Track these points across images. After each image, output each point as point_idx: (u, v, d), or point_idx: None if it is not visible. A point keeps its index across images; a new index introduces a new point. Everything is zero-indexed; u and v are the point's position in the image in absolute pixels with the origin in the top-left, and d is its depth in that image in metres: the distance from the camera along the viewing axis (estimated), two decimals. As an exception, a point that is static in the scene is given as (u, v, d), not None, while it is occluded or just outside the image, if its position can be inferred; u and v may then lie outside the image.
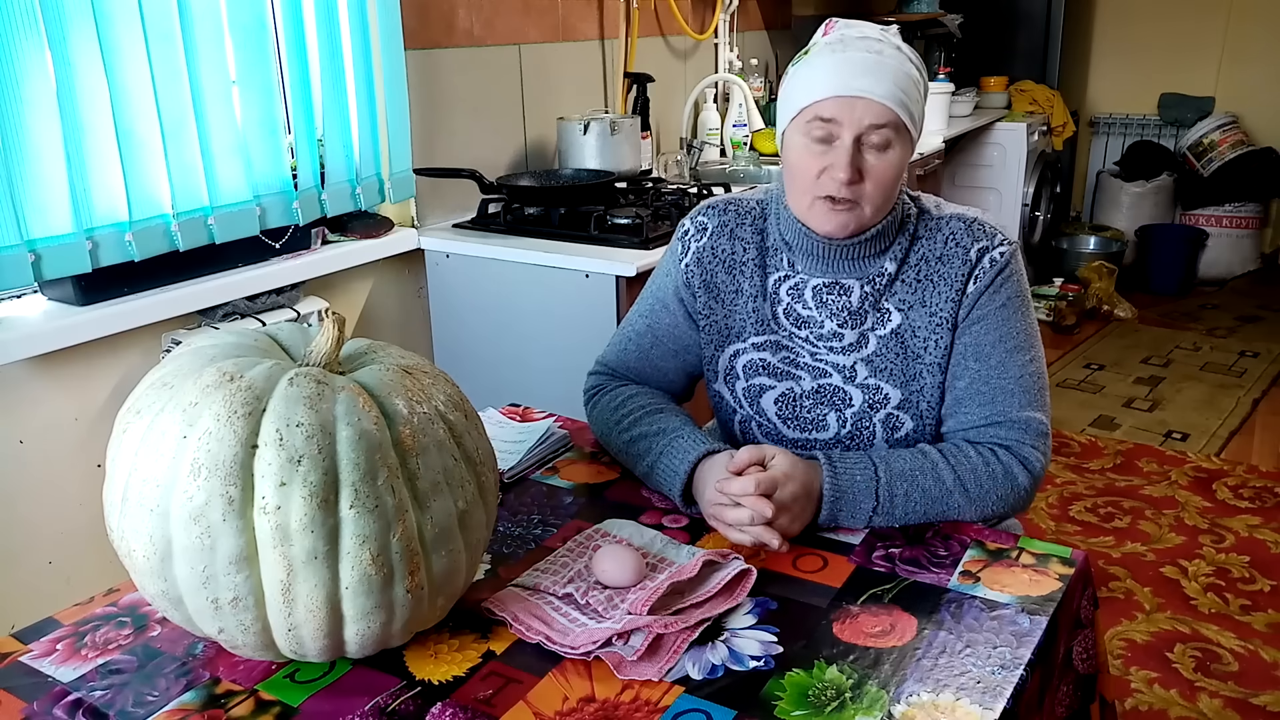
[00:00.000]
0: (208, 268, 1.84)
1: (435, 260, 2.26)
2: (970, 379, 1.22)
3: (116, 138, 1.64)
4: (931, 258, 1.23)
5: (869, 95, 1.13)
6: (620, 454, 1.30)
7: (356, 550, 0.85)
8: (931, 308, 1.22)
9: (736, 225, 1.31)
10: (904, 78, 1.15)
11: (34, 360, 1.63)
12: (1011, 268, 1.22)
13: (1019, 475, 1.18)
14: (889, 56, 1.15)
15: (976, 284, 1.21)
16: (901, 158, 1.18)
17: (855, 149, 1.15)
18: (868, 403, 1.25)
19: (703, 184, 2.48)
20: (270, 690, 0.91)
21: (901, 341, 1.24)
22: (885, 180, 1.17)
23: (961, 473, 1.16)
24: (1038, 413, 1.20)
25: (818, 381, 1.27)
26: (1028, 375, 1.21)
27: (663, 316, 1.35)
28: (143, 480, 0.85)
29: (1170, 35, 4.87)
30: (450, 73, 2.30)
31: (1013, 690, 0.88)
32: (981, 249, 1.22)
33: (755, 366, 1.30)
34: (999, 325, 1.21)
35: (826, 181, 1.17)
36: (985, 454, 1.18)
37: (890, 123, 1.15)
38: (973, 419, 1.21)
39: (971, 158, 4.21)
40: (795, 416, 1.29)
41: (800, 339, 1.27)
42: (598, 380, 1.38)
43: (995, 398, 1.20)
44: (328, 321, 0.93)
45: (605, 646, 0.94)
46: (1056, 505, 2.75)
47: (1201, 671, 2.03)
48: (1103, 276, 4.36)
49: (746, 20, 3.49)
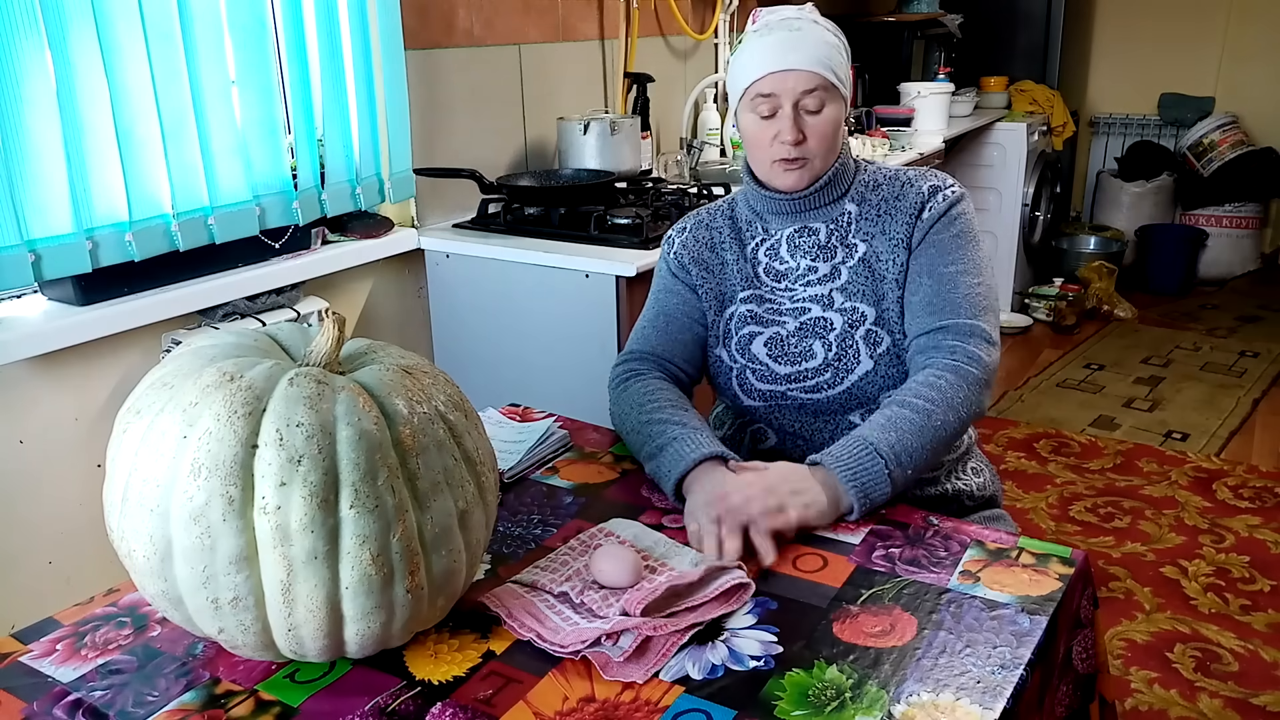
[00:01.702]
0: (208, 268, 1.84)
1: (435, 260, 2.26)
2: (924, 294, 1.35)
3: (116, 138, 1.64)
4: (890, 196, 1.40)
5: (796, 67, 1.32)
6: (633, 430, 1.32)
7: (356, 550, 0.85)
8: (890, 234, 1.38)
9: (709, 219, 1.50)
10: (824, 46, 1.34)
11: (34, 360, 1.63)
12: (962, 206, 1.38)
13: (971, 370, 1.28)
14: (808, 31, 1.34)
15: (930, 212, 1.37)
16: (836, 113, 1.36)
17: (795, 114, 1.34)
18: (848, 323, 1.38)
19: (703, 184, 2.48)
20: (270, 690, 0.91)
21: (869, 266, 1.39)
22: (825, 134, 1.35)
23: (925, 394, 1.25)
24: (981, 322, 1.33)
25: (799, 320, 1.40)
26: (974, 294, 1.34)
27: (669, 299, 1.48)
28: (143, 480, 0.85)
29: (1170, 35, 4.87)
30: (450, 73, 2.31)
31: (1013, 690, 0.88)
32: (933, 187, 1.39)
33: (743, 318, 1.43)
34: (951, 251, 1.35)
35: (778, 147, 1.36)
36: (931, 369, 1.28)
37: (819, 86, 1.33)
38: (924, 325, 1.33)
39: (971, 158, 4.21)
40: (784, 354, 1.40)
41: (780, 290, 1.42)
42: (629, 366, 1.44)
43: (944, 307, 1.33)
44: (328, 321, 0.93)
45: (594, 646, 0.94)
46: (1056, 505, 2.75)
47: (1201, 671, 2.03)
48: (1103, 276, 4.36)
49: (746, 20, 3.49)
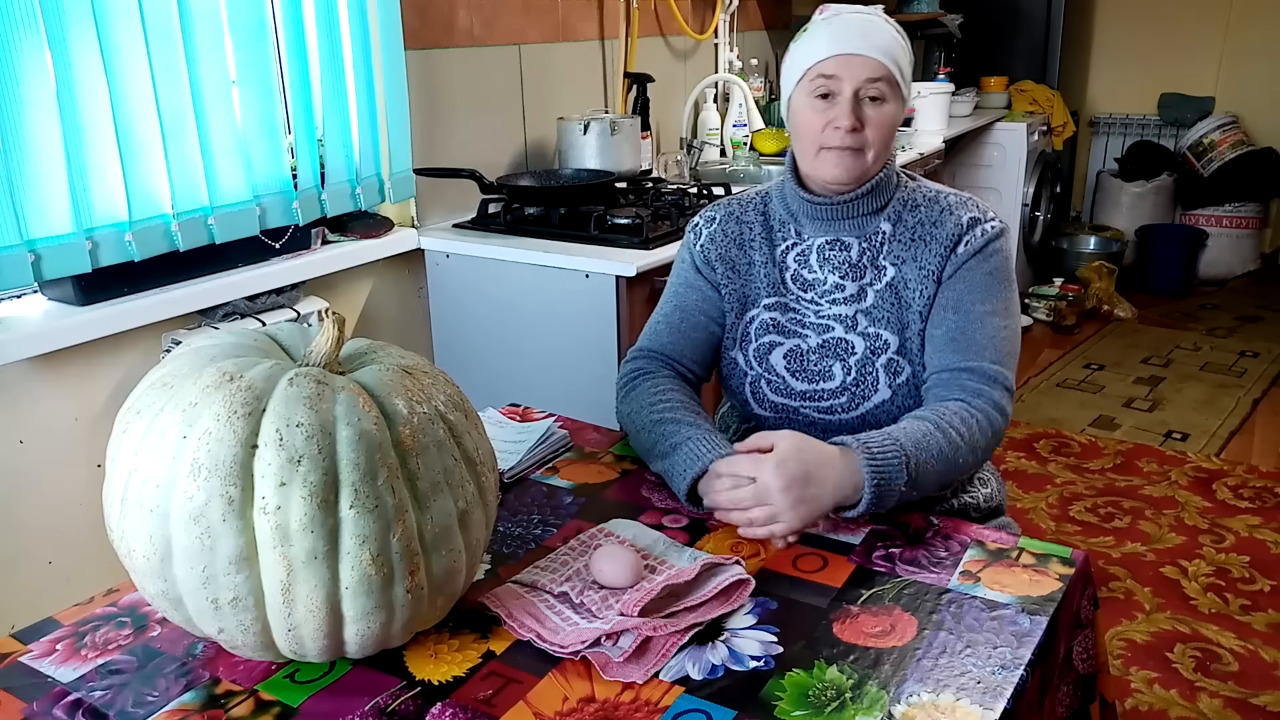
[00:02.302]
0: (208, 268, 1.84)
1: (435, 260, 2.26)
2: (948, 328, 1.30)
3: (116, 138, 1.64)
4: (927, 221, 1.34)
5: (863, 52, 1.27)
6: (644, 429, 1.30)
7: (356, 550, 0.85)
8: (921, 262, 1.33)
9: (741, 212, 1.44)
10: (893, 40, 1.30)
11: (34, 360, 1.63)
12: (1000, 243, 1.33)
13: (995, 419, 1.26)
14: (878, 23, 1.31)
15: (966, 247, 1.31)
16: (895, 111, 1.31)
17: (855, 101, 1.28)
18: (869, 349, 1.34)
19: (703, 184, 2.48)
20: (270, 690, 0.91)
21: (895, 292, 1.34)
22: (883, 127, 1.30)
23: (959, 428, 1.22)
24: (1004, 369, 1.29)
25: (822, 337, 1.36)
26: (1000, 337, 1.30)
27: (689, 295, 1.44)
28: (142, 480, 0.85)
29: (1170, 35, 4.87)
30: (450, 73, 2.30)
31: (1013, 690, 0.88)
32: (973, 219, 1.33)
33: (765, 326, 1.39)
34: (981, 288, 1.30)
35: (831, 133, 1.29)
36: (963, 403, 1.25)
37: (884, 77, 1.28)
38: (946, 362, 1.29)
39: (971, 158, 4.21)
40: (803, 369, 1.36)
41: (805, 301, 1.38)
42: (637, 365, 1.41)
43: (969, 347, 1.28)
44: (328, 321, 0.93)
45: (594, 647, 0.94)
46: (1056, 505, 2.75)
47: (1201, 671, 2.03)
48: (1103, 276, 4.36)
49: (746, 20, 3.49)
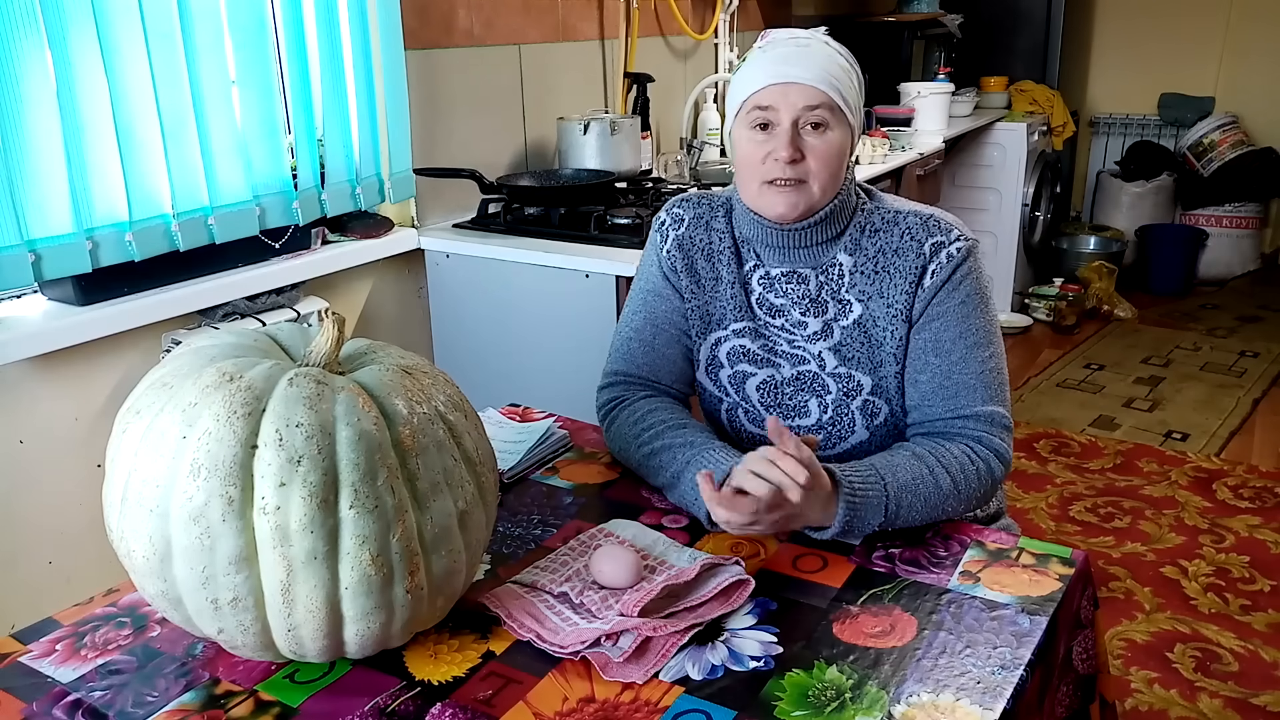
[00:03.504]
0: (208, 268, 1.84)
1: (435, 260, 2.26)
2: (932, 374, 1.24)
3: (116, 138, 1.63)
4: (888, 250, 1.25)
5: (800, 80, 1.20)
6: (640, 466, 1.28)
7: (356, 550, 0.85)
8: (888, 299, 1.25)
9: (710, 217, 1.35)
10: (832, 64, 1.22)
11: (34, 360, 1.63)
12: (969, 265, 1.24)
13: (995, 468, 1.21)
14: (816, 48, 1.23)
15: (933, 279, 1.23)
16: (841, 139, 1.22)
17: (794, 131, 1.21)
18: (843, 390, 1.28)
19: (703, 184, 2.48)
20: (270, 691, 0.91)
21: (864, 331, 1.26)
22: (827, 157, 1.22)
23: (955, 475, 1.17)
24: (1000, 407, 1.24)
25: (797, 369, 1.30)
26: (988, 371, 1.23)
27: (658, 304, 1.36)
28: (142, 480, 0.85)
29: (1170, 35, 4.87)
30: (450, 73, 2.30)
31: (1013, 690, 0.88)
32: (936, 244, 1.23)
33: (738, 353, 1.33)
34: (959, 322, 1.23)
35: (771, 165, 1.22)
36: (967, 450, 1.20)
37: (823, 103, 1.20)
38: (937, 412, 1.24)
39: (971, 158, 4.21)
40: (778, 403, 1.31)
41: (775, 327, 1.31)
42: (612, 393, 1.37)
43: (958, 392, 1.23)
44: (328, 321, 0.93)
45: (594, 647, 0.94)
46: (1056, 505, 2.75)
47: (1201, 671, 2.03)
48: (1103, 276, 4.36)
49: (746, 20, 3.49)
